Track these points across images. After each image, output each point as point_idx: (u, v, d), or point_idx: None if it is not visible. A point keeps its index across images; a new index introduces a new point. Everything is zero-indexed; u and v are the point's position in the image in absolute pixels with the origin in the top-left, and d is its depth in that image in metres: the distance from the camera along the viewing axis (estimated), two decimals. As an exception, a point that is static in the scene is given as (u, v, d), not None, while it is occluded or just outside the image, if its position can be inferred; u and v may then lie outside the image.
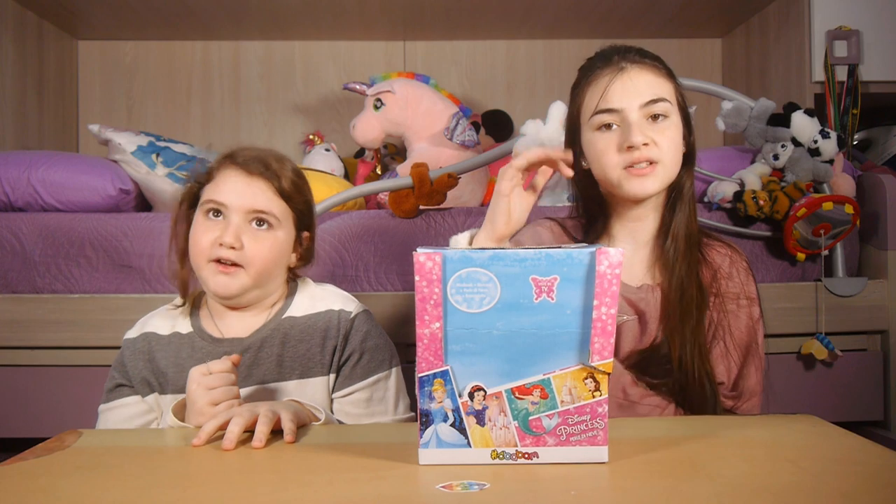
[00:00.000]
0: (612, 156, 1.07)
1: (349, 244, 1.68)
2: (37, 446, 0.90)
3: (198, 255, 1.06)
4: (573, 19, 2.43)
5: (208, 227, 1.06)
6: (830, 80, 2.03)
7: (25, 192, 1.72)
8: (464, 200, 1.96)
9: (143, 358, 1.11)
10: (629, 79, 1.07)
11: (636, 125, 1.05)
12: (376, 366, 1.13)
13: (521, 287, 0.74)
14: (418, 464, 0.76)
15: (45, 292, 1.66)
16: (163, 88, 2.60)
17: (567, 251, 0.75)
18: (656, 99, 1.06)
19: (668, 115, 1.07)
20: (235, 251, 1.05)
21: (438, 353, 0.74)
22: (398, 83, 2.10)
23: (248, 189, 1.07)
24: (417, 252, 0.73)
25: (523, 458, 0.77)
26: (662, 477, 0.73)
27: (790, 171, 1.69)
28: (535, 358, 0.76)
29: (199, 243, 1.06)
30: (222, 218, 1.06)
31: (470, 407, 0.76)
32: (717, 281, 1.11)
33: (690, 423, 0.95)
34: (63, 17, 2.36)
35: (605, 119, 1.07)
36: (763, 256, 1.73)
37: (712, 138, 2.54)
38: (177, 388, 1.08)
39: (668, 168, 1.07)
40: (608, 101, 1.07)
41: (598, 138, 1.08)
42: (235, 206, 1.06)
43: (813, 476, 0.72)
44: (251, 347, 1.09)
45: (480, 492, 0.68)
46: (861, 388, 1.70)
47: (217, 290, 1.06)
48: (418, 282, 0.73)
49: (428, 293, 0.73)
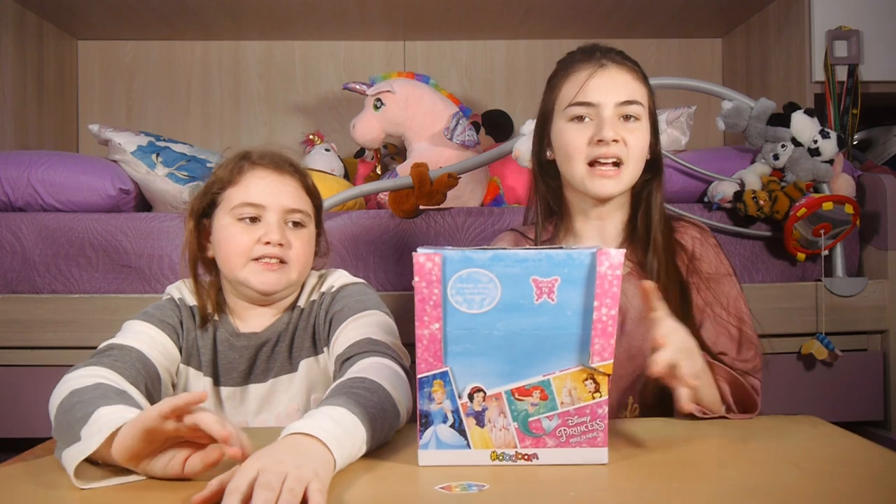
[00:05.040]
0: (580, 147, 1.08)
1: (349, 244, 1.68)
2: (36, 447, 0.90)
3: (236, 257, 1.06)
4: (573, 19, 2.43)
5: (245, 229, 1.06)
6: (830, 80, 2.03)
7: (25, 192, 1.72)
8: (464, 200, 1.96)
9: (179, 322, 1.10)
10: (609, 76, 1.08)
11: (609, 121, 1.06)
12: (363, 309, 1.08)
13: (522, 288, 0.74)
14: (418, 465, 0.76)
15: (44, 292, 1.66)
16: (163, 88, 2.60)
17: (567, 252, 0.75)
18: (632, 100, 1.08)
19: (640, 119, 1.09)
20: (282, 248, 1.05)
21: (438, 354, 0.74)
22: (398, 83, 2.10)
23: (282, 188, 1.08)
24: (417, 252, 0.73)
25: (523, 459, 0.77)
26: (662, 478, 0.73)
27: (790, 171, 1.68)
28: (535, 359, 0.76)
29: (238, 245, 1.05)
30: (259, 219, 1.06)
31: (469, 408, 0.76)
32: (692, 263, 1.13)
33: (690, 423, 0.95)
34: (63, 17, 2.36)
35: (580, 111, 1.08)
36: (763, 256, 1.73)
37: (712, 138, 2.54)
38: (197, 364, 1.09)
39: (632, 171, 1.09)
40: (586, 94, 1.08)
41: (570, 129, 1.10)
42: (272, 205, 1.06)
43: (813, 477, 0.72)
44: (268, 341, 1.09)
45: (479, 493, 0.68)
46: (861, 388, 1.70)
47: (264, 287, 1.05)
48: (417, 282, 0.73)
49: (427, 294, 0.73)
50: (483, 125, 2.31)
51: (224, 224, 1.08)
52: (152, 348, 1.02)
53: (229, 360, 1.09)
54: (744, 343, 1.08)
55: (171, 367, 1.06)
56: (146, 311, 1.08)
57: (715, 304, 1.10)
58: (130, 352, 0.99)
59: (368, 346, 0.99)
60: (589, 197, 1.11)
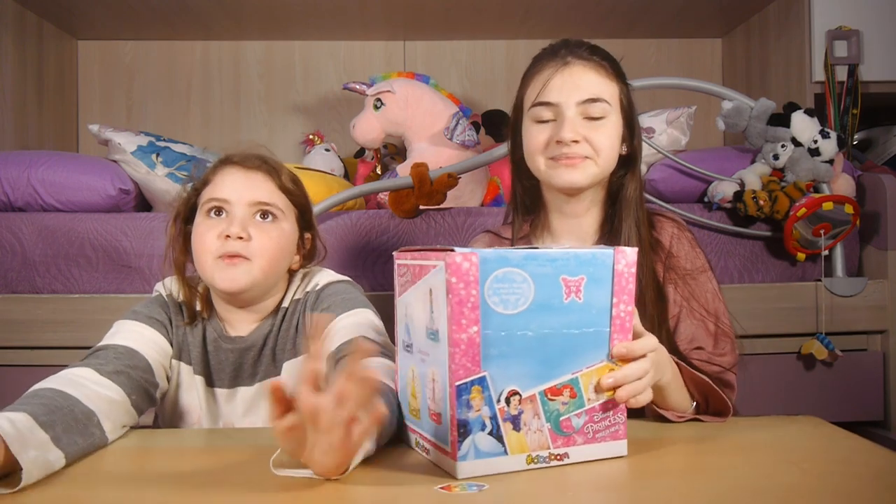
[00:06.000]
0: (540, 146, 1.08)
1: (349, 244, 1.68)
2: (36, 447, 0.89)
3: (203, 254, 1.04)
4: (573, 19, 2.43)
5: (211, 225, 1.04)
6: (830, 80, 2.03)
7: (25, 192, 1.72)
8: (464, 200, 1.96)
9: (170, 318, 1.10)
10: (570, 75, 1.07)
11: (570, 121, 1.05)
12: (350, 307, 1.07)
13: (552, 287, 0.74)
14: (457, 477, 0.72)
15: (44, 292, 1.66)
16: (163, 88, 2.60)
17: (592, 251, 0.76)
18: (594, 98, 1.06)
19: (606, 116, 1.07)
20: (243, 242, 1.02)
21: (476, 359, 0.71)
22: (398, 83, 2.10)
23: (248, 182, 1.06)
24: (455, 252, 0.70)
25: (556, 459, 0.76)
26: (662, 478, 0.73)
27: (790, 171, 1.68)
28: (565, 358, 0.75)
29: (203, 242, 1.04)
30: (225, 215, 1.05)
31: (507, 412, 0.73)
32: (669, 260, 1.12)
33: (690, 424, 0.95)
34: (63, 17, 2.36)
35: (542, 112, 1.08)
36: (763, 256, 1.73)
37: (712, 138, 2.54)
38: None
39: (599, 165, 1.08)
40: (546, 94, 1.07)
41: (533, 129, 1.09)
42: (237, 199, 1.04)
43: (814, 477, 0.72)
44: (254, 346, 1.09)
45: (479, 493, 0.68)
46: (861, 388, 1.70)
47: (225, 284, 1.03)
48: (454, 283, 0.70)
49: (465, 295, 0.70)
50: (483, 125, 2.31)
51: (197, 223, 1.07)
52: (144, 345, 1.03)
53: (219, 362, 1.10)
54: (720, 338, 1.08)
55: (165, 362, 1.07)
56: (134, 309, 1.08)
57: (691, 300, 1.09)
58: (118, 350, 0.99)
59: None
60: (557, 191, 1.11)
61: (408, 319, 0.82)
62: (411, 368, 0.82)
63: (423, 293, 0.76)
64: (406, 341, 0.83)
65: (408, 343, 0.82)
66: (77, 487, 0.73)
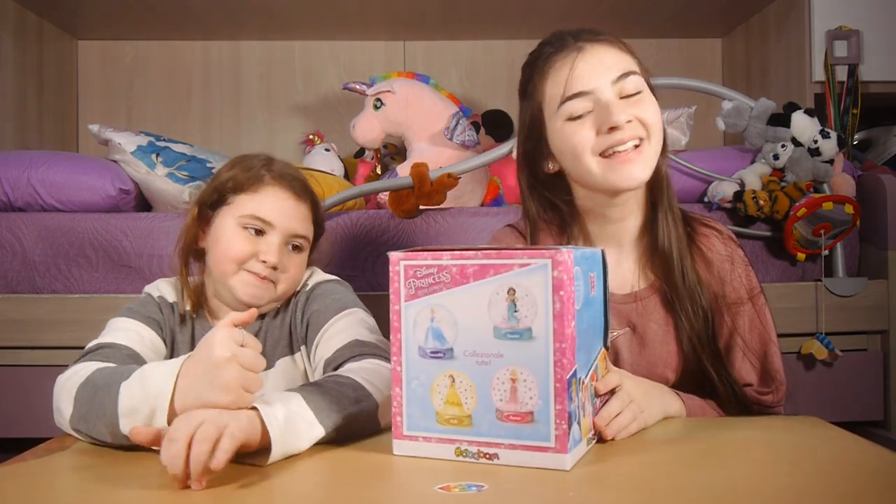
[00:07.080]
0: (587, 140, 0.96)
1: (349, 244, 1.68)
2: (37, 447, 0.90)
3: (230, 262, 1.06)
4: (573, 19, 2.43)
5: (247, 239, 1.07)
6: (830, 80, 2.03)
7: (25, 192, 1.72)
8: (464, 200, 1.96)
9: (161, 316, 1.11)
10: (593, 56, 0.96)
11: (614, 103, 0.94)
12: (341, 308, 1.08)
13: (586, 282, 0.80)
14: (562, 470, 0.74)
15: (44, 292, 1.66)
16: (163, 88, 2.60)
17: (592, 250, 0.83)
18: (627, 72, 0.96)
19: (642, 90, 0.97)
20: (275, 271, 1.07)
21: (574, 352, 0.74)
22: (398, 83, 2.10)
23: (295, 212, 1.10)
24: (562, 250, 0.73)
25: (596, 441, 0.83)
26: (662, 477, 0.73)
27: (790, 171, 1.68)
28: (591, 346, 0.82)
29: (235, 252, 1.06)
30: (263, 234, 1.07)
31: (580, 400, 0.79)
32: (720, 283, 1.04)
33: (690, 424, 0.95)
34: (63, 17, 2.36)
35: (577, 105, 0.96)
36: (763, 256, 1.72)
37: (712, 138, 2.54)
38: None
39: (655, 147, 0.98)
40: (575, 84, 0.95)
41: (571, 128, 0.97)
42: (279, 226, 1.07)
43: (814, 478, 0.72)
44: None
45: (479, 493, 0.68)
46: (861, 388, 1.70)
47: (247, 298, 1.06)
48: (565, 281, 0.73)
49: (569, 292, 0.74)
50: (483, 125, 2.31)
51: (228, 226, 1.08)
52: (140, 343, 1.04)
53: None
54: (766, 376, 1.04)
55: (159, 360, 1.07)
56: (129, 307, 1.10)
57: (735, 335, 1.03)
58: (120, 348, 1.00)
59: (359, 349, 1.00)
60: (609, 194, 0.99)
61: (438, 324, 0.77)
62: (448, 375, 0.77)
63: (490, 293, 0.75)
64: (433, 348, 0.78)
65: (436, 350, 0.78)
66: (87, 487, 0.72)
